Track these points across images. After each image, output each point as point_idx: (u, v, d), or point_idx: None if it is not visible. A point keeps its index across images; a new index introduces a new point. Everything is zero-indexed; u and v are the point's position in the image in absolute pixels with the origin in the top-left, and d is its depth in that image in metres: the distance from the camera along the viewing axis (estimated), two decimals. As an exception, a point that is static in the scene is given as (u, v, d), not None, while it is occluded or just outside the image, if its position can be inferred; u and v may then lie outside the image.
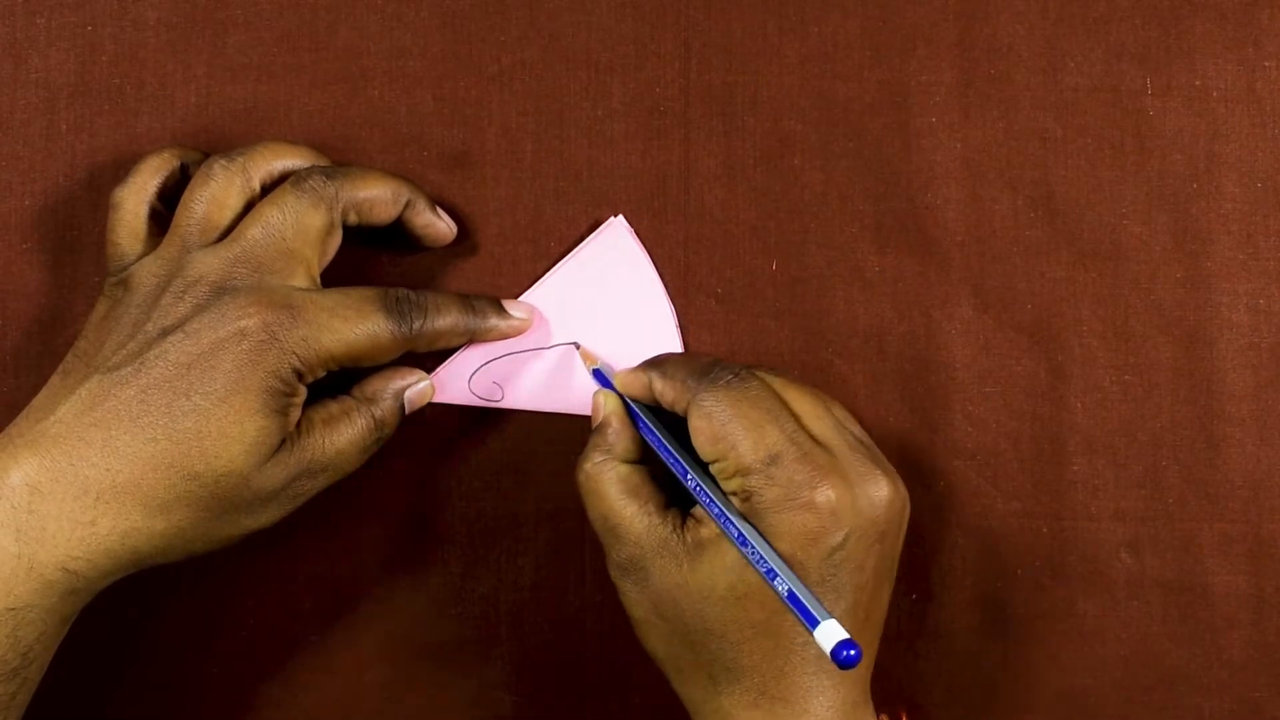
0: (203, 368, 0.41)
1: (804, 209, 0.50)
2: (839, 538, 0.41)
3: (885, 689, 0.48)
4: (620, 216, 0.49)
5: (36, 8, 0.50)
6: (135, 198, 0.45)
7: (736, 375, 0.43)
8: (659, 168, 0.49)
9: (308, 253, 0.43)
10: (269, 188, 0.45)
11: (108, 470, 0.40)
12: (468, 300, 0.47)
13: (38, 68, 0.49)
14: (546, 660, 0.49)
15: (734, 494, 0.42)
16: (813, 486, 0.41)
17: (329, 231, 0.44)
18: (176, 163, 0.46)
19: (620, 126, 0.50)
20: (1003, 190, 0.50)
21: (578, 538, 0.49)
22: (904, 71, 0.50)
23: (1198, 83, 0.50)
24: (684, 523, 0.43)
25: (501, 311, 0.47)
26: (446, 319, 0.45)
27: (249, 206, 0.44)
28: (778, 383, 0.44)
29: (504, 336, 0.47)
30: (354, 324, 0.43)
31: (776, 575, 0.39)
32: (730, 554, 0.41)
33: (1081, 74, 0.50)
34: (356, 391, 0.45)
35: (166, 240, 0.44)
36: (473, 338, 0.47)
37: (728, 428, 0.42)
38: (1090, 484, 0.49)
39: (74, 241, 0.49)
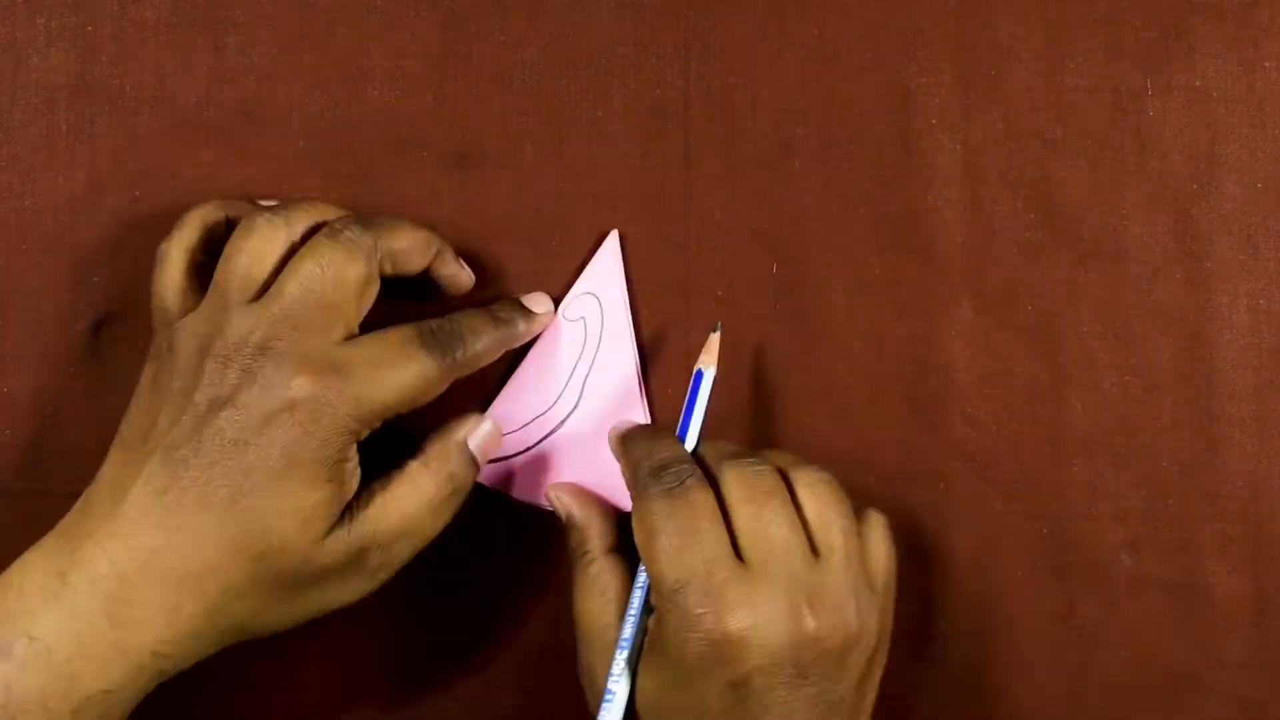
0: (257, 445, 0.40)
1: (804, 211, 0.50)
2: (740, 672, 0.39)
3: (886, 689, 0.48)
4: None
5: (36, 8, 0.50)
6: (178, 250, 0.45)
7: (681, 483, 0.41)
8: (659, 169, 0.49)
9: (347, 306, 0.42)
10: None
11: (185, 557, 0.40)
12: (493, 312, 0.46)
13: (38, 68, 0.49)
14: (546, 660, 0.49)
15: (653, 606, 0.41)
16: (715, 620, 0.39)
17: (368, 282, 0.43)
18: (221, 215, 0.46)
19: (620, 127, 0.50)
20: (1003, 191, 0.50)
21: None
22: (904, 73, 0.50)
23: (1198, 83, 0.50)
24: None
25: (526, 311, 0.47)
26: (483, 339, 0.45)
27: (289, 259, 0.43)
28: (766, 473, 0.42)
29: (532, 335, 0.47)
30: (401, 369, 0.42)
31: (612, 696, 0.42)
32: None
33: (1081, 74, 0.50)
34: (419, 454, 0.44)
35: (208, 297, 0.43)
36: (506, 347, 0.46)
37: (653, 541, 0.41)
38: (1090, 484, 0.49)
39: (74, 241, 0.49)
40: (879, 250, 0.49)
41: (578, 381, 0.48)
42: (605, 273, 0.49)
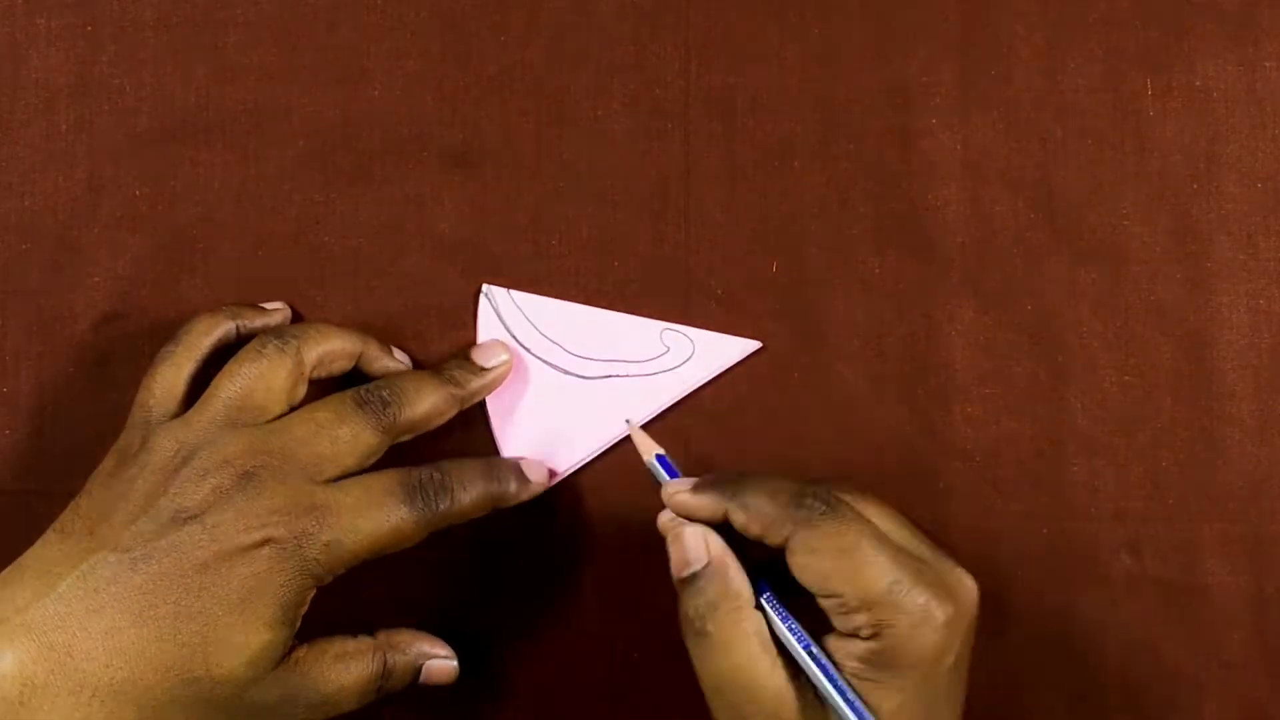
0: (217, 570, 0.39)
1: (804, 210, 0.50)
2: (956, 647, 0.39)
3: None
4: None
5: (36, 8, 0.50)
6: (186, 357, 0.44)
7: (830, 507, 0.40)
8: (659, 168, 0.49)
9: (346, 459, 0.42)
10: (319, 377, 0.45)
11: (107, 667, 0.38)
12: (490, 467, 0.45)
13: (38, 68, 0.49)
14: (547, 661, 0.49)
15: (857, 630, 0.39)
16: (937, 605, 0.39)
17: (376, 453, 0.43)
18: (232, 326, 0.45)
19: (620, 126, 0.50)
20: (1003, 191, 0.50)
21: (578, 537, 0.49)
22: (904, 73, 0.50)
23: (1198, 83, 0.50)
24: (800, 678, 0.40)
25: (522, 476, 0.46)
26: (471, 494, 0.44)
27: (294, 388, 0.43)
28: (858, 501, 0.41)
29: (521, 500, 0.46)
30: (378, 519, 0.41)
31: None
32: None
33: (1081, 74, 0.50)
34: (381, 635, 0.44)
35: (200, 407, 0.42)
36: (495, 507, 0.45)
37: (840, 564, 0.39)
38: (1090, 484, 0.49)
39: (74, 241, 0.49)
40: (879, 249, 0.49)
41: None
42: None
